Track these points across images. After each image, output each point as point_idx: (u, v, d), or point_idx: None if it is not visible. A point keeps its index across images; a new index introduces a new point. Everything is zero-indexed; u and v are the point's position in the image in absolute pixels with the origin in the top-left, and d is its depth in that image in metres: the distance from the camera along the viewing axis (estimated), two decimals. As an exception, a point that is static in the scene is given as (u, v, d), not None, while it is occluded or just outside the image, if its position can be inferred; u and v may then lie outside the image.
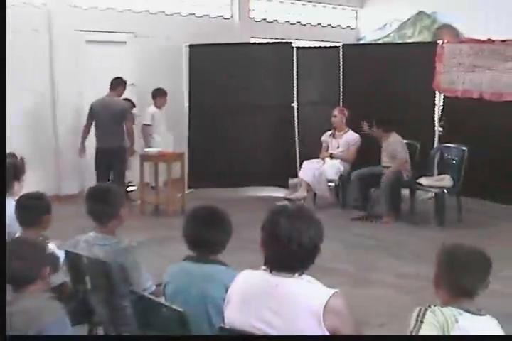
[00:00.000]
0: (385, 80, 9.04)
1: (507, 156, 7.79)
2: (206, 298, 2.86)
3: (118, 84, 8.48)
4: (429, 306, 2.41)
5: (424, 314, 2.38)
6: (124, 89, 8.67)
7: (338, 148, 8.70)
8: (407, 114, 8.50)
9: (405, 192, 8.10)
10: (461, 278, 2.44)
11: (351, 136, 8.69)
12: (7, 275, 2.73)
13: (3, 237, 3.32)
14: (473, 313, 2.41)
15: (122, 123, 8.31)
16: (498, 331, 2.45)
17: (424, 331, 2.33)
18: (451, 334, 2.34)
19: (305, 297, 2.35)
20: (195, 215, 3.08)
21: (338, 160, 8.59)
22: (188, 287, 2.92)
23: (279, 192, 9.06)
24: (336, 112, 8.74)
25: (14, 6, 8.33)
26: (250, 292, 2.47)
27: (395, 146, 7.96)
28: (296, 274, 2.40)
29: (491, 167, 7.87)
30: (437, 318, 2.36)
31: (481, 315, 2.43)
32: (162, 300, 3.00)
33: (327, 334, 2.31)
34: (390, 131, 8.01)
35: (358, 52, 9.62)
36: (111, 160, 8.30)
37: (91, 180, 8.56)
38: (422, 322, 2.35)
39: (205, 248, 3.01)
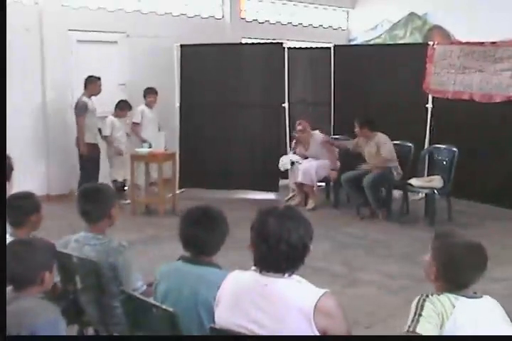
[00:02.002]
0: (376, 81, 9.07)
1: (497, 157, 7.83)
2: (198, 300, 2.83)
3: (89, 82, 8.59)
4: (427, 296, 2.42)
5: (422, 306, 2.39)
6: (97, 86, 8.65)
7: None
8: (397, 114, 8.53)
9: (397, 192, 8.14)
10: (462, 275, 2.47)
11: (318, 138, 8.67)
12: (10, 274, 2.74)
13: (3, 237, 3.31)
14: (468, 297, 2.44)
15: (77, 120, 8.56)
16: (497, 310, 2.49)
17: (422, 326, 2.34)
18: (450, 318, 2.37)
19: (295, 297, 2.35)
20: (191, 215, 3.04)
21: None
22: (180, 288, 2.90)
23: (269, 194, 9.05)
24: (300, 127, 8.63)
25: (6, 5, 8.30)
26: (240, 292, 2.46)
27: (380, 144, 7.96)
28: (286, 274, 2.41)
29: (481, 168, 7.90)
30: (435, 307, 2.38)
31: (476, 297, 2.46)
32: (152, 300, 3.00)
33: (317, 334, 2.32)
34: (375, 131, 8.04)
35: (350, 53, 9.64)
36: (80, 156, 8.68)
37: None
38: (420, 315, 2.37)
39: (199, 249, 2.97)
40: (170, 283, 2.96)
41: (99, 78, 8.66)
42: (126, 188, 9.06)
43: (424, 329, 2.33)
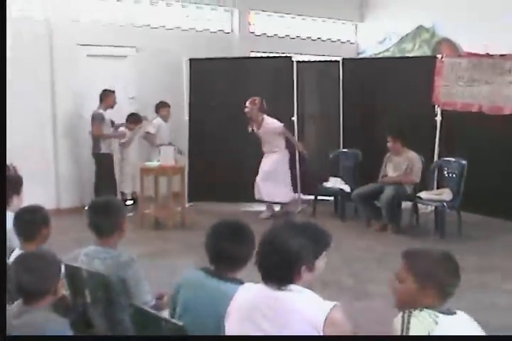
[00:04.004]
0: (384, 94, 9.08)
1: (507, 170, 7.79)
2: (222, 317, 2.70)
3: (104, 95, 8.85)
4: (411, 312, 2.38)
5: (409, 321, 2.36)
6: (113, 98, 8.89)
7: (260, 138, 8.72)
8: (406, 127, 8.52)
9: (407, 205, 8.11)
10: (448, 283, 2.44)
11: (271, 125, 8.58)
12: (20, 287, 2.75)
13: (4, 242, 3.32)
14: (446, 314, 2.40)
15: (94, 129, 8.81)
16: (471, 325, 2.44)
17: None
18: (435, 333, 2.33)
19: (305, 310, 2.35)
20: (221, 229, 3.00)
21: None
22: (204, 304, 2.86)
23: (279, 208, 9.04)
24: (247, 104, 8.55)
25: (16, 20, 8.38)
26: (250, 305, 2.47)
27: (414, 163, 7.94)
28: (285, 286, 2.41)
29: (491, 181, 7.87)
30: (422, 323, 2.35)
31: (452, 314, 2.42)
32: (162, 313, 3.00)
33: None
34: (406, 145, 8.03)
35: (358, 67, 9.65)
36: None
37: (91, 193, 8.63)
38: (408, 328, 2.35)
39: (228, 264, 2.94)
40: (192, 295, 2.93)
41: (113, 91, 8.88)
42: (128, 203, 9.08)
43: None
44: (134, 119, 9.09)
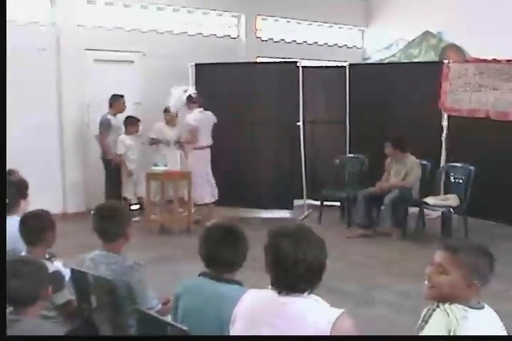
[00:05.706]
0: (391, 99, 9.08)
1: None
2: (223, 319, 2.73)
3: (113, 101, 8.84)
4: (438, 306, 2.40)
5: (430, 315, 2.39)
6: (122, 103, 8.87)
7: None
8: (413, 133, 8.51)
9: (414, 210, 8.09)
10: (491, 275, 2.47)
11: (185, 119, 8.72)
12: (13, 294, 2.73)
13: (3, 238, 3.32)
14: (476, 308, 2.43)
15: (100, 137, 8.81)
16: (497, 320, 2.49)
17: (426, 331, 2.36)
18: (461, 331, 2.35)
19: (312, 317, 2.32)
20: (213, 233, 3.01)
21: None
22: (204, 307, 2.86)
23: (284, 213, 9.03)
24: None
25: (23, 25, 8.42)
26: (257, 312, 2.45)
27: (413, 169, 8.00)
28: (306, 293, 2.38)
29: (497, 187, 7.85)
30: (444, 318, 2.36)
31: (482, 308, 2.46)
32: (167, 318, 3.00)
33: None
34: (407, 152, 8.05)
35: (364, 72, 9.66)
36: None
37: (97, 198, 8.62)
38: (427, 322, 2.37)
39: (223, 267, 2.95)
40: (192, 299, 2.94)
41: (122, 96, 8.86)
42: (133, 207, 9.05)
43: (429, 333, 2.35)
44: (131, 122, 9.04)
